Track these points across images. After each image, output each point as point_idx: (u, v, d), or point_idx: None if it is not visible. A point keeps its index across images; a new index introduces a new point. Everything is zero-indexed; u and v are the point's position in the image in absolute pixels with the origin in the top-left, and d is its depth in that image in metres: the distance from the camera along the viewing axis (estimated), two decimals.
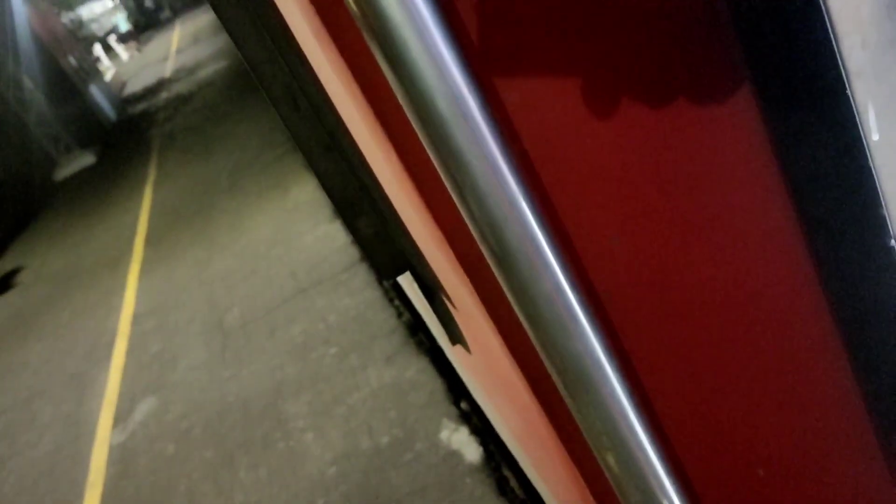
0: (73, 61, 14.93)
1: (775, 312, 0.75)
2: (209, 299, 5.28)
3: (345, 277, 4.52)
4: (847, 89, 0.59)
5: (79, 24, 25.86)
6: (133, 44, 25.42)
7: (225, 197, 7.04)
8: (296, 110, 0.96)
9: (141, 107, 14.56)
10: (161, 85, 15.53)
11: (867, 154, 0.61)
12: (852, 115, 0.60)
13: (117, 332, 5.60)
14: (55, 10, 19.59)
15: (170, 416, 4.15)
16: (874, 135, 0.60)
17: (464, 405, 3.13)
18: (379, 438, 3.18)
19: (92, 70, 16.62)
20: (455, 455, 2.90)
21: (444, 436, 3.02)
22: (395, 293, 4.07)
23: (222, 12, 0.91)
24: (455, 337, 1.13)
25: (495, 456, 2.82)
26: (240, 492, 3.32)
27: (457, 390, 3.22)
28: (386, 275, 1.05)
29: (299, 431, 3.49)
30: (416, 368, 3.47)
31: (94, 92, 14.85)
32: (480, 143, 0.55)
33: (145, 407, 4.38)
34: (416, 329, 3.73)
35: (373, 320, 3.98)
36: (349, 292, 4.35)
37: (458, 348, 1.24)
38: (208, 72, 13.71)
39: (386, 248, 1.03)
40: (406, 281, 1.13)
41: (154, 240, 7.13)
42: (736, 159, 0.67)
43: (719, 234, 0.70)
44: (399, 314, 3.91)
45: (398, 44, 0.53)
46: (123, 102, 16.19)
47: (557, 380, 0.65)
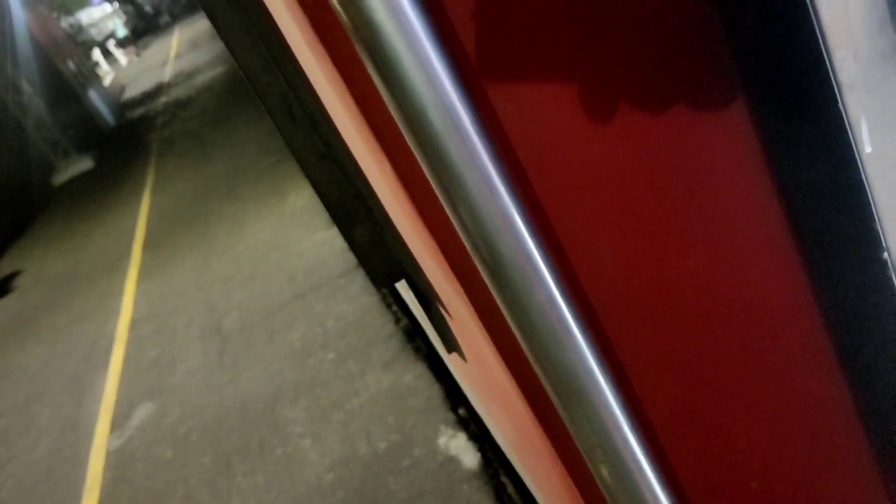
0: (71, 66, 14.95)
1: (769, 325, 0.75)
2: (207, 304, 5.28)
3: (342, 283, 4.52)
4: (839, 102, 0.59)
5: (78, 29, 25.89)
6: (132, 49, 25.47)
7: (223, 202, 7.04)
8: (291, 119, 0.97)
9: (140, 111, 14.57)
10: (160, 90, 15.55)
11: (860, 167, 0.61)
12: (844, 128, 0.60)
13: (115, 336, 5.59)
14: (54, 15, 19.61)
15: (167, 421, 4.14)
16: (867, 147, 0.60)
17: (462, 411, 3.13)
18: (377, 444, 3.17)
19: (91, 75, 16.64)
20: (453, 461, 2.90)
21: (442, 442, 3.01)
22: (392, 299, 4.07)
23: (218, 21, 0.91)
24: (451, 345, 1.13)
25: (493, 462, 2.82)
26: (237, 497, 3.31)
27: (455, 396, 3.22)
28: (381, 283, 1.05)
29: (297, 437, 3.48)
30: (413, 374, 3.47)
31: (93, 96, 14.86)
32: (472, 155, 0.55)
33: (143, 411, 4.37)
34: (413, 335, 3.73)
35: (371, 326, 3.97)
36: (347, 298, 4.34)
37: (454, 356, 1.24)
38: (207, 77, 13.73)
39: (381, 256, 1.03)
40: (404, 287, 1.13)
41: (152, 244, 7.13)
42: (729, 172, 0.67)
43: (713, 248, 0.70)
44: (397, 320, 3.91)
45: (389, 55, 0.53)
46: (122, 107, 16.21)
47: (551, 392, 0.65)
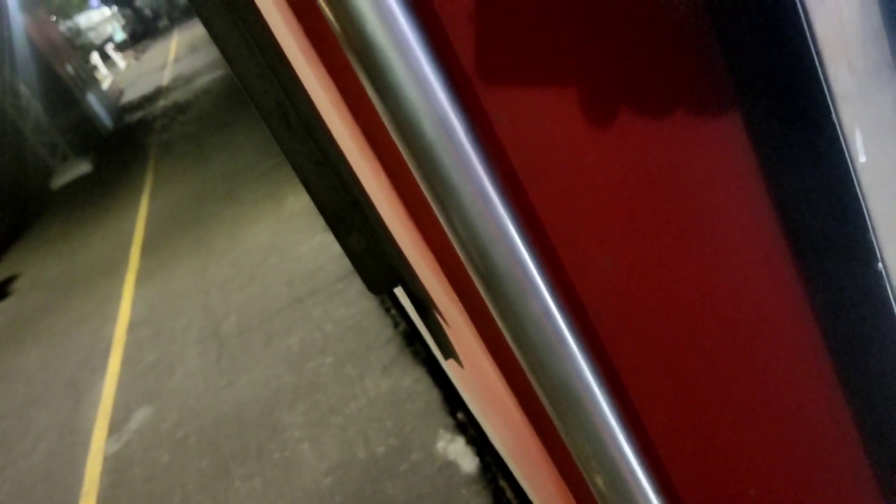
0: (70, 69, 14.94)
1: (765, 335, 0.75)
2: (205, 308, 5.27)
3: (341, 287, 4.52)
4: (833, 113, 0.59)
5: (76, 33, 25.90)
6: (131, 52, 25.48)
7: (221, 205, 7.04)
8: (287, 126, 0.96)
9: (138, 115, 14.57)
10: (158, 93, 15.55)
11: (854, 177, 0.61)
12: (839, 138, 0.60)
13: (113, 340, 5.58)
14: (52, 19, 19.61)
15: (165, 425, 4.13)
16: (861, 157, 0.60)
17: (460, 415, 3.12)
18: (375, 448, 3.17)
19: (89, 78, 16.64)
20: (451, 465, 2.89)
21: (441, 446, 3.01)
22: (391, 303, 4.06)
23: (214, 29, 0.91)
24: (447, 352, 1.13)
25: (491, 467, 2.81)
26: (235, 502, 3.30)
27: (453, 400, 3.21)
28: (377, 290, 1.05)
29: (295, 441, 3.48)
30: (412, 378, 3.46)
31: (91, 100, 14.86)
32: (466, 165, 0.55)
33: (141, 416, 4.36)
34: (412, 339, 3.72)
35: (369, 330, 3.97)
36: (345, 302, 4.34)
37: (452, 362, 1.24)
38: (205, 80, 13.73)
39: (377, 263, 1.02)
40: (402, 291, 1.13)
41: (150, 248, 7.12)
42: (725, 183, 0.67)
43: (709, 258, 0.70)
44: (395, 324, 3.90)
45: (381, 66, 0.52)
46: (120, 111, 16.20)
47: (546, 402, 0.65)
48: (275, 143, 0.99)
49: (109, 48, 25.42)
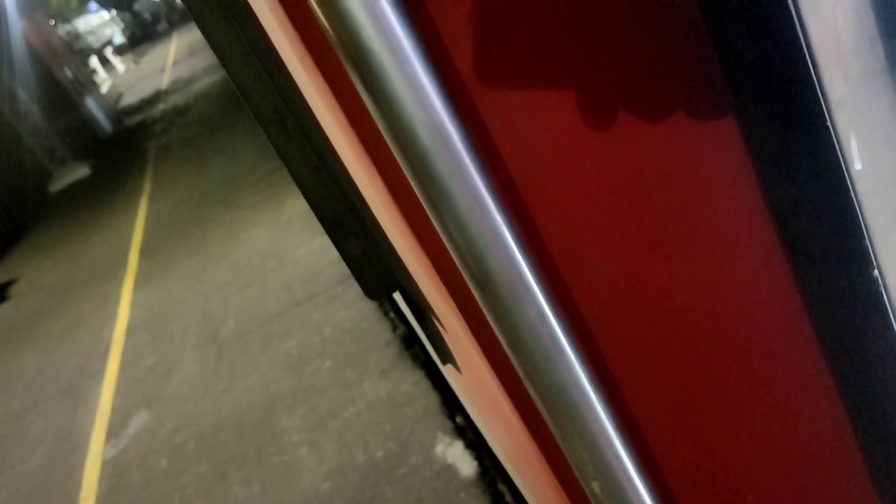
0: (68, 73, 14.95)
1: (762, 342, 0.75)
2: (204, 311, 5.27)
3: (340, 290, 4.51)
4: (828, 120, 0.59)
5: (75, 37, 25.92)
6: (130, 56, 25.51)
7: (220, 209, 7.04)
8: (284, 131, 0.96)
9: (137, 118, 14.57)
10: (157, 97, 15.56)
11: (849, 184, 0.61)
12: (834, 145, 0.60)
13: (111, 344, 5.57)
14: (51, 22, 19.63)
15: (163, 430, 4.12)
16: (856, 164, 0.60)
17: (459, 419, 3.12)
18: (374, 452, 3.16)
19: (88, 82, 16.65)
20: (450, 469, 2.89)
21: (439, 450, 3.00)
22: (390, 306, 4.06)
23: (210, 34, 0.91)
24: (445, 357, 1.13)
25: (490, 470, 2.81)
26: None
27: (452, 404, 3.21)
28: (374, 295, 1.04)
29: (294, 445, 3.47)
30: (411, 381, 3.46)
31: (90, 104, 14.87)
32: (461, 171, 0.55)
33: (139, 420, 4.36)
34: (411, 342, 3.72)
35: (368, 333, 3.97)
36: (344, 305, 4.34)
37: (450, 367, 1.24)
38: (204, 84, 13.74)
39: (374, 268, 1.02)
40: (400, 297, 1.13)
41: (149, 251, 7.12)
42: (720, 189, 0.67)
43: (705, 265, 0.70)
44: (394, 327, 3.90)
45: (376, 73, 0.52)
46: (119, 114, 16.21)
47: (542, 408, 0.65)
48: (273, 147, 0.99)
49: (108, 52, 25.44)
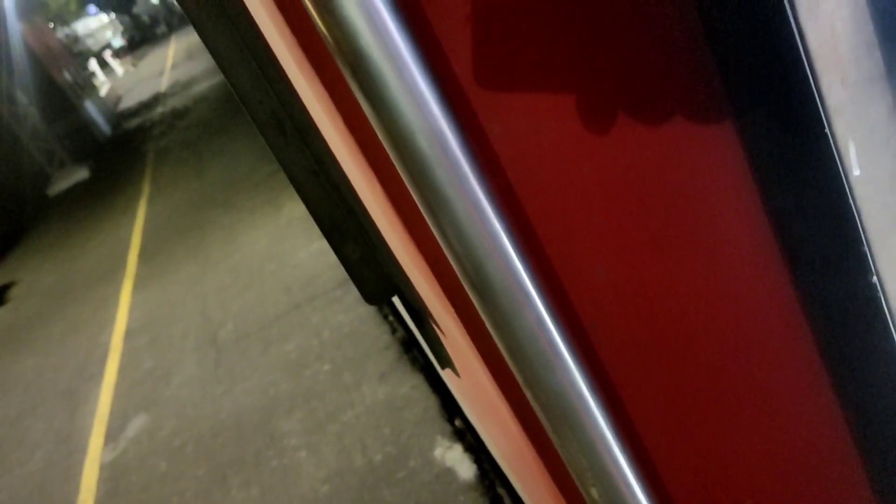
0: (67, 76, 14.95)
1: (761, 348, 0.75)
2: (203, 314, 5.26)
3: (339, 293, 4.51)
4: (826, 126, 0.59)
5: (74, 39, 25.93)
6: (129, 59, 25.52)
7: (219, 212, 7.03)
8: (282, 136, 0.96)
9: (136, 121, 14.57)
10: (156, 100, 15.56)
11: (848, 190, 0.61)
12: (832, 151, 0.60)
13: (110, 347, 5.56)
14: (50, 25, 19.64)
15: (162, 434, 4.12)
16: (855, 171, 0.60)
17: (458, 422, 3.11)
18: (372, 456, 3.16)
19: (87, 85, 16.65)
20: (449, 473, 2.89)
21: (438, 453, 3.00)
22: (388, 309, 4.06)
23: (208, 39, 0.91)
24: (444, 361, 1.12)
25: (489, 474, 2.81)
26: None
27: (451, 407, 3.21)
28: (372, 300, 1.04)
29: (292, 449, 3.47)
30: (410, 385, 3.46)
31: (89, 107, 14.86)
32: (459, 177, 0.55)
33: (137, 424, 4.35)
34: (410, 346, 3.72)
35: (367, 336, 3.96)
36: (343, 308, 4.33)
37: (448, 371, 1.24)
38: (203, 87, 13.74)
39: (373, 273, 1.02)
40: (398, 301, 1.13)
41: (148, 255, 7.11)
42: (719, 195, 0.67)
43: (704, 270, 0.70)
44: (393, 330, 3.90)
45: (374, 79, 0.52)
46: (118, 117, 16.20)
47: (540, 414, 0.65)
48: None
49: (107, 55, 25.44)
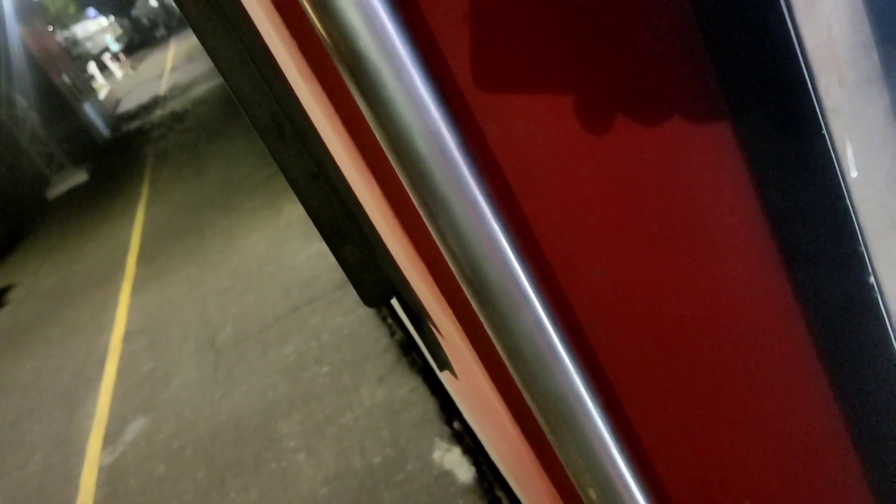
0: (66, 79, 14.96)
1: (759, 348, 0.75)
2: (202, 317, 5.26)
3: (337, 296, 4.51)
4: (824, 127, 0.59)
5: (73, 43, 25.94)
6: (128, 62, 25.52)
7: (218, 215, 7.03)
8: (281, 138, 0.96)
9: (135, 124, 14.58)
10: (156, 102, 15.57)
11: (845, 191, 0.62)
12: (829, 152, 0.60)
13: (109, 349, 5.56)
14: (49, 29, 19.65)
15: (161, 436, 4.11)
16: (852, 172, 0.60)
17: (456, 425, 3.11)
18: (371, 458, 3.16)
19: (86, 88, 16.65)
20: (447, 475, 2.88)
21: (437, 456, 3.00)
22: (387, 311, 4.06)
23: (207, 42, 0.91)
24: (442, 363, 1.12)
25: (487, 476, 2.80)
26: None
27: (449, 410, 3.20)
28: (371, 302, 1.04)
29: (291, 451, 3.46)
30: (408, 387, 3.46)
31: (88, 109, 14.87)
32: (458, 179, 0.55)
33: (136, 426, 4.35)
34: (408, 348, 3.72)
35: (365, 339, 3.96)
36: (342, 311, 4.33)
37: (447, 373, 1.24)
38: (202, 89, 13.75)
39: (372, 275, 1.02)
40: (397, 303, 1.13)
41: (146, 257, 7.11)
42: (717, 196, 0.67)
43: (702, 271, 0.70)
44: (392, 333, 3.90)
45: (373, 82, 0.52)
46: (117, 120, 16.22)
47: (539, 416, 0.65)
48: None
49: (106, 58, 25.46)
